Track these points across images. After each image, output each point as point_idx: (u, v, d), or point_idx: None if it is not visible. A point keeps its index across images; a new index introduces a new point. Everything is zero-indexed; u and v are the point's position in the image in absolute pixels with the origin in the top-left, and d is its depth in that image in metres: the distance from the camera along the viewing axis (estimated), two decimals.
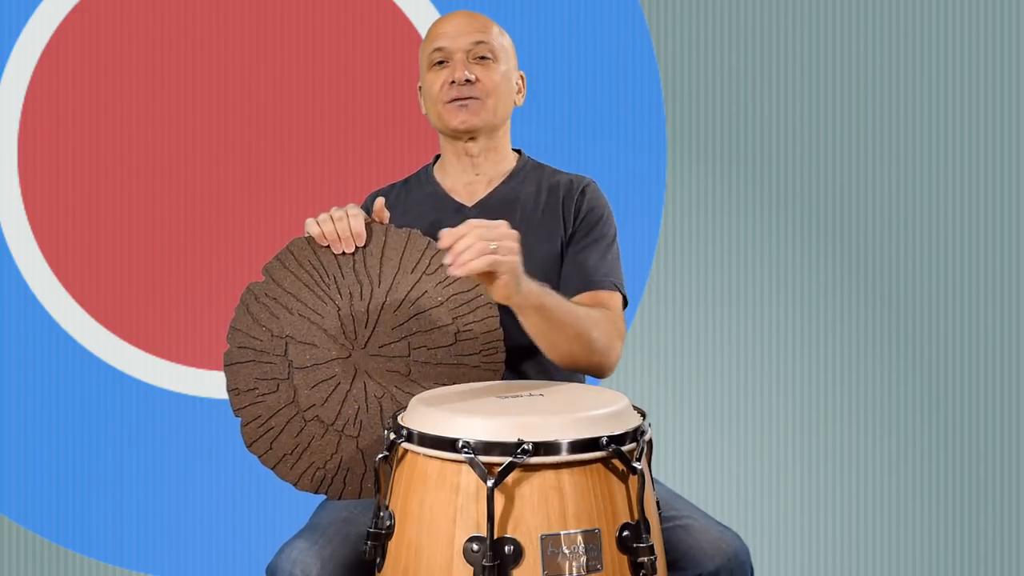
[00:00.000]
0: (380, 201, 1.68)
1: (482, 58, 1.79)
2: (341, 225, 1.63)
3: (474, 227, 1.43)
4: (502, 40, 1.83)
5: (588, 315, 1.63)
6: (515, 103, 1.87)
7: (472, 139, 1.82)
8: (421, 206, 1.84)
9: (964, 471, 2.71)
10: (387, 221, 1.69)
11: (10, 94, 2.61)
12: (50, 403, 2.62)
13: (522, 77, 1.89)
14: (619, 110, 2.70)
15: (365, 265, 1.65)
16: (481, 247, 1.42)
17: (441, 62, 1.80)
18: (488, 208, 1.81)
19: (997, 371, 2.70)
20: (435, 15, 2.64)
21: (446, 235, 1.44)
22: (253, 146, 2.67)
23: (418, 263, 1.66)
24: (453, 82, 1.77)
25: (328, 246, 1.64)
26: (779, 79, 2.71)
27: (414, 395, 1.52)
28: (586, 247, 1.78)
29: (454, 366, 1.63)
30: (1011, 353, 2.70)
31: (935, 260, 2.71)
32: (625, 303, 1.79)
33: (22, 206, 2.62)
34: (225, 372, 1.62)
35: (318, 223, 1.64)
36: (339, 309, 1.63)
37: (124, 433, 2.63)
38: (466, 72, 1.77)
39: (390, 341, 1.63)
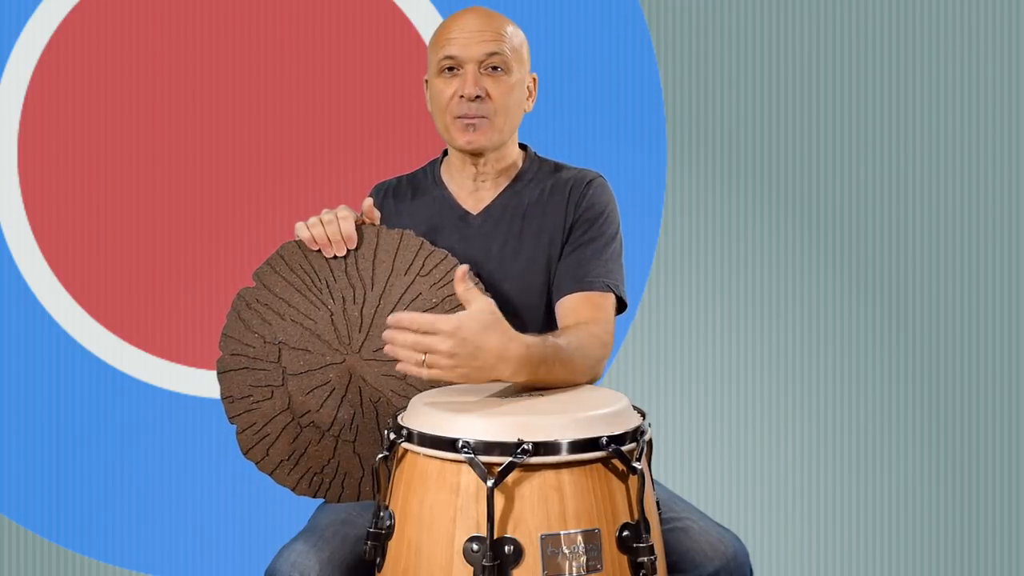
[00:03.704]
0: (368, 201, 1.65)
1: (494, 68, 1.70)
2: (331, 229, 1.60)
3: (406, 328, 1.38)
4: (515, 43, 1.73)
5: (573, 355, 1.53)
6: (524, 111, 1.79)
7: (478, 155, 1.76)
8: (426, 209, 1.80)
9: (964, 472, 2.71)
10: (378, 222, 1.66)
11: (10, 94, 2.61)
12: (50, 403, 2.62)
13: (534, 80, 1.81)
14: (619, 110, 2.70)
15: (357, 268, 1.62)
16: (407, 354, 1.38)
17: (451, 69, 1.71)
18: (492, 216, 1.77)
19: (997, 371, 2.70)
20: (435, 15, 2.64)
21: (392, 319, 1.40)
22: (253, 146, 2.67)
23: (411, 264, 1.62)
24: (463, 96, 1.69)
25: (319, 250, 1.62)
26: (779, 79, 2.71)
27: (410, 399, 1.50)
28: (582, 245, 1.72)
29: None
30: (1011, 353, 2.70)
31: (935, 260, 2.71)
32: (624, 306, 1.74)
33: (22, 206, 2.62)
34: (219, 380, 1.60)
35: (308, 227, 1.61)
36: (332, 314, 1.61)
37: (124, 433, 2.63)
38: (476, 89, 1.68)
39: (385, 345, 1.62)
